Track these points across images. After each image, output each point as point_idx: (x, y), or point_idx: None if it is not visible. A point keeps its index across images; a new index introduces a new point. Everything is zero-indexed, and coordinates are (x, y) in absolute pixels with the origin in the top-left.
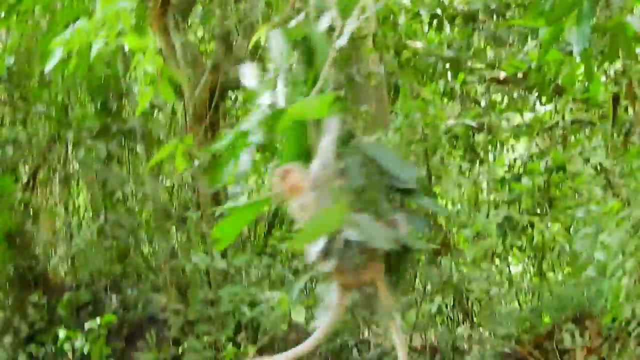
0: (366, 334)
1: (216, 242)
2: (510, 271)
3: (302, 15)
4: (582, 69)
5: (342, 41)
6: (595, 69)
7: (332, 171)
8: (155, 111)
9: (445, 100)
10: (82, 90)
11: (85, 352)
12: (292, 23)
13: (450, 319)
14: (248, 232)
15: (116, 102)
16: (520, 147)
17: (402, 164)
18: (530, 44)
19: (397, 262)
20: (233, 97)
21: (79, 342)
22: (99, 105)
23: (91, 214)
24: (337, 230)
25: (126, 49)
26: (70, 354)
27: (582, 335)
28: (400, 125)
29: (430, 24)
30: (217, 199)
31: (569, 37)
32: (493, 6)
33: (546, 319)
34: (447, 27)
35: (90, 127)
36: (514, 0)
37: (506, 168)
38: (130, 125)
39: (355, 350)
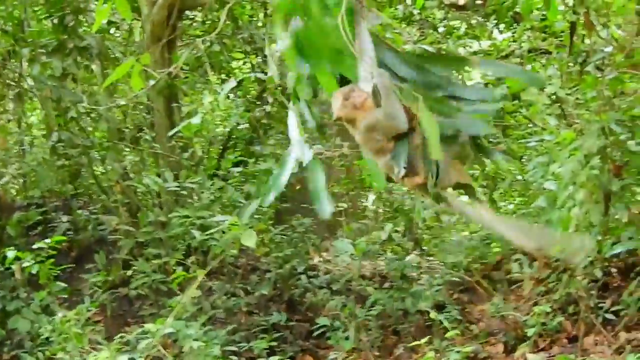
0: (315, 260)
1: None
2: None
3: None
4: None
5: None
6: None
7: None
8: (113, 29)
9: (404, 25)
10: (39, 5)
11: (34, 272)
12: None
13: (400, 247)
14: (202, 153)
15: (73, 19)
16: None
17: (401, 63)
18: None
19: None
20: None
21: (27, 262)
22: (55, 21)
23: (44, 132)
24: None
25: None
26: (18, 274)
27: (530, 266)
28: None
29: None
30: (171, 120)
31: None
32: None
33: (496, 249)
34: None
35: (46, 44)
36: None
37: None
38: (87, 43)
39: (304, 277)
